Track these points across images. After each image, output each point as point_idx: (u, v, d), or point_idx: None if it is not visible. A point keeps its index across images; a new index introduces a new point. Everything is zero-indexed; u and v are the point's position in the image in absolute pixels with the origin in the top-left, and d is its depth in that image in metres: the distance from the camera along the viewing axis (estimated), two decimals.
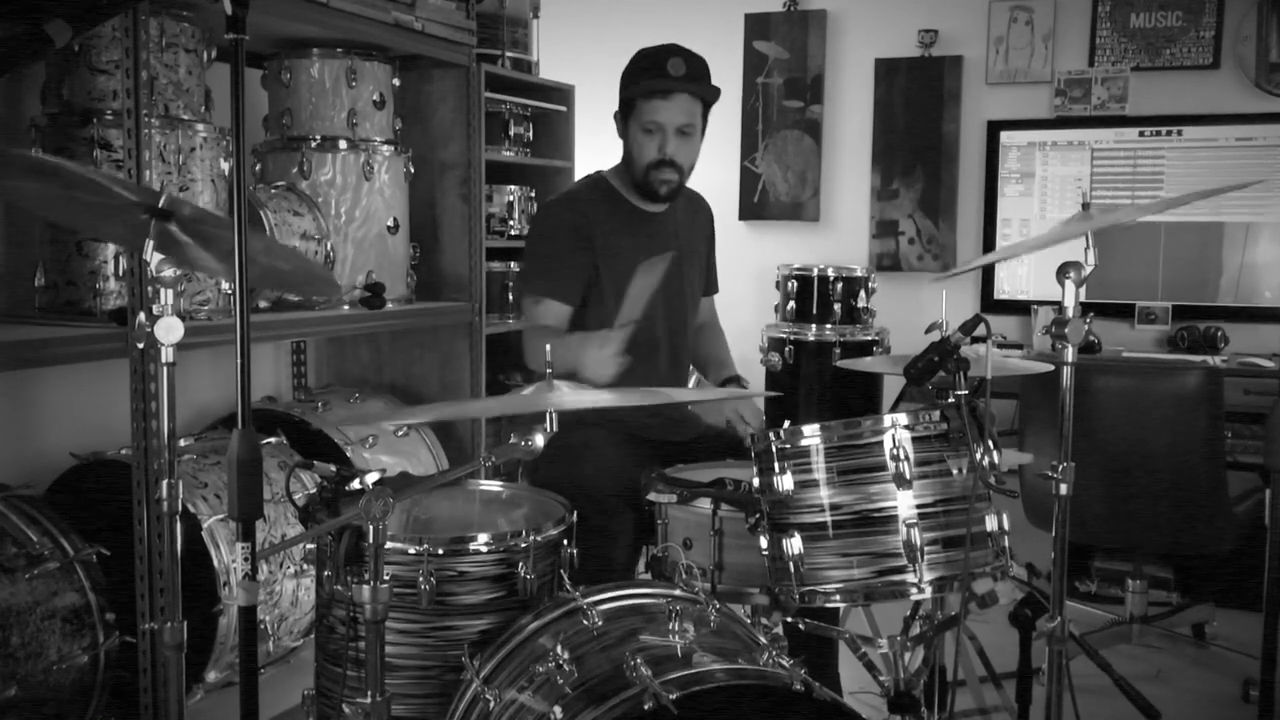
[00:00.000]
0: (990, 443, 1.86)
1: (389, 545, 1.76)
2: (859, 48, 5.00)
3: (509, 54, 4.00)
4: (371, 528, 1.55)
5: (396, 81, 3.49)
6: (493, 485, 2.27)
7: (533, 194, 4.17)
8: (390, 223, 3.40)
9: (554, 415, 1.68)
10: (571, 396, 1.76)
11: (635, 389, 2.14)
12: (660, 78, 2.57)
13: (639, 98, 2.60)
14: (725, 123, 5.12)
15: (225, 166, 2.81)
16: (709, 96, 2.64)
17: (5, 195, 2.50)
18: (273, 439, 2.98)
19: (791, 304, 4.30)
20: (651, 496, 2.13)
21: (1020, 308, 4.67)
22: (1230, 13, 4.46)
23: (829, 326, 4.24)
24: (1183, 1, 4.52)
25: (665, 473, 2.20)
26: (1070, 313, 1.89)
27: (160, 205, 1.74)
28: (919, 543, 1.82)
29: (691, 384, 3.10)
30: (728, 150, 5.17)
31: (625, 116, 2.65)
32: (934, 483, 1.87)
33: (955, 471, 1.88)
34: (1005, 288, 4.74)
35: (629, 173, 2.69)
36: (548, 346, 1.84)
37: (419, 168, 3.58)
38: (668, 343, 2.75)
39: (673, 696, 1.44)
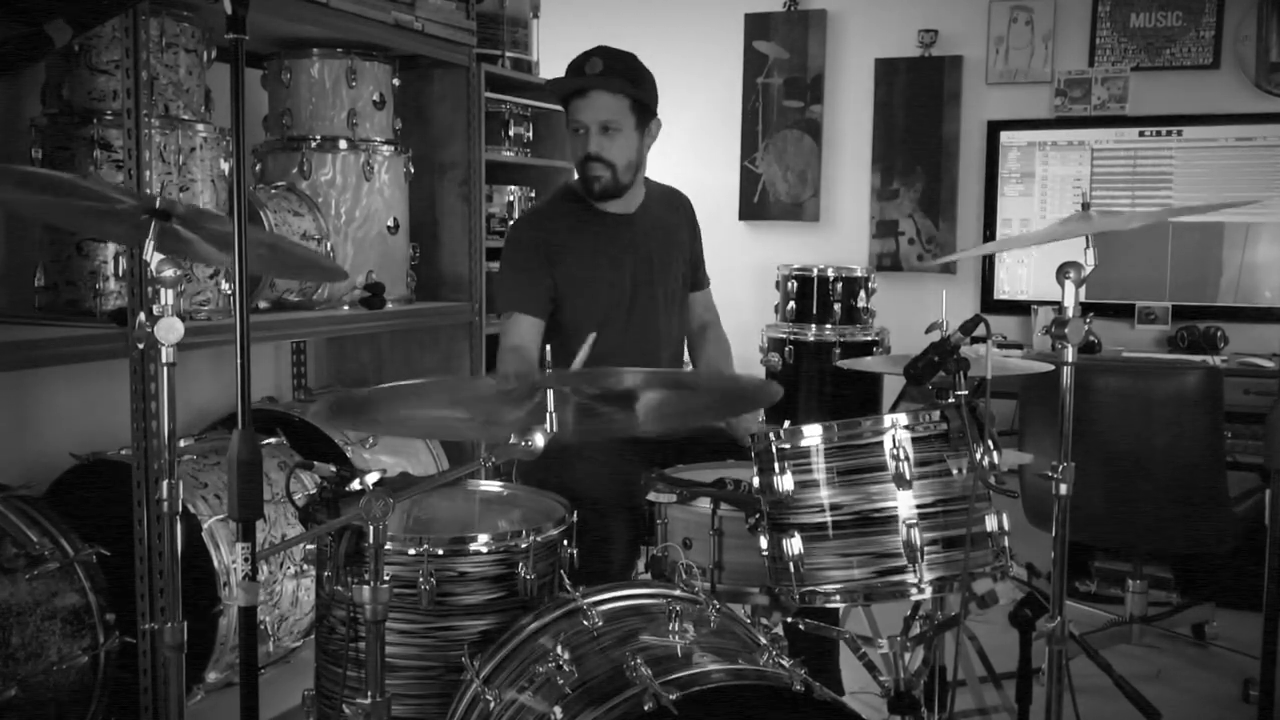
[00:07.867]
0: (990, 443, 1.86)
1: (389, 545, 1.76)
2: (859, 48, 5.00)
3: (509, 54, 4.00)
4: (371, 528, 1.55)
5: (396, 81, 3.48)
6: (492, 485, 2.27)
7: (533, 194, 4.17)
8: (390, 223, 3.40)
9: (553, 416, 1.68)
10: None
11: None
12: (575, 77, 2.62)
13: (563, 101, 2.67)
14: (725, 123, 5.13)
15: (225, 166, 2.81)
16: (630, 92, 2.62)
17: (2, 207, 2.50)
18: (273, 439, 2.98)
19: (791, 304, 4.30)
20: (651, 496, 2.13)
21: (1020, 308, 4.67)
22: (1230, 13, 4.46)
23: (829, 326, 4.24)
24: (1183, 1, 4.52)
25: (665, 472, 2.19)
26: (1070, 313, 1.90)
27: (157, 206, 1.74)
28: (919, 543, 1.82)
29: None
30: (728, 150, 5.17)
31: None
32: (934, 483, 1.87)
33: (955, 471, 1.88)
34: (1005, 288, 4.74)
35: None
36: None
37: (419, 168, 3.58)
38: (639, 345, 2.73)
39: (673, 697, 1.44)
